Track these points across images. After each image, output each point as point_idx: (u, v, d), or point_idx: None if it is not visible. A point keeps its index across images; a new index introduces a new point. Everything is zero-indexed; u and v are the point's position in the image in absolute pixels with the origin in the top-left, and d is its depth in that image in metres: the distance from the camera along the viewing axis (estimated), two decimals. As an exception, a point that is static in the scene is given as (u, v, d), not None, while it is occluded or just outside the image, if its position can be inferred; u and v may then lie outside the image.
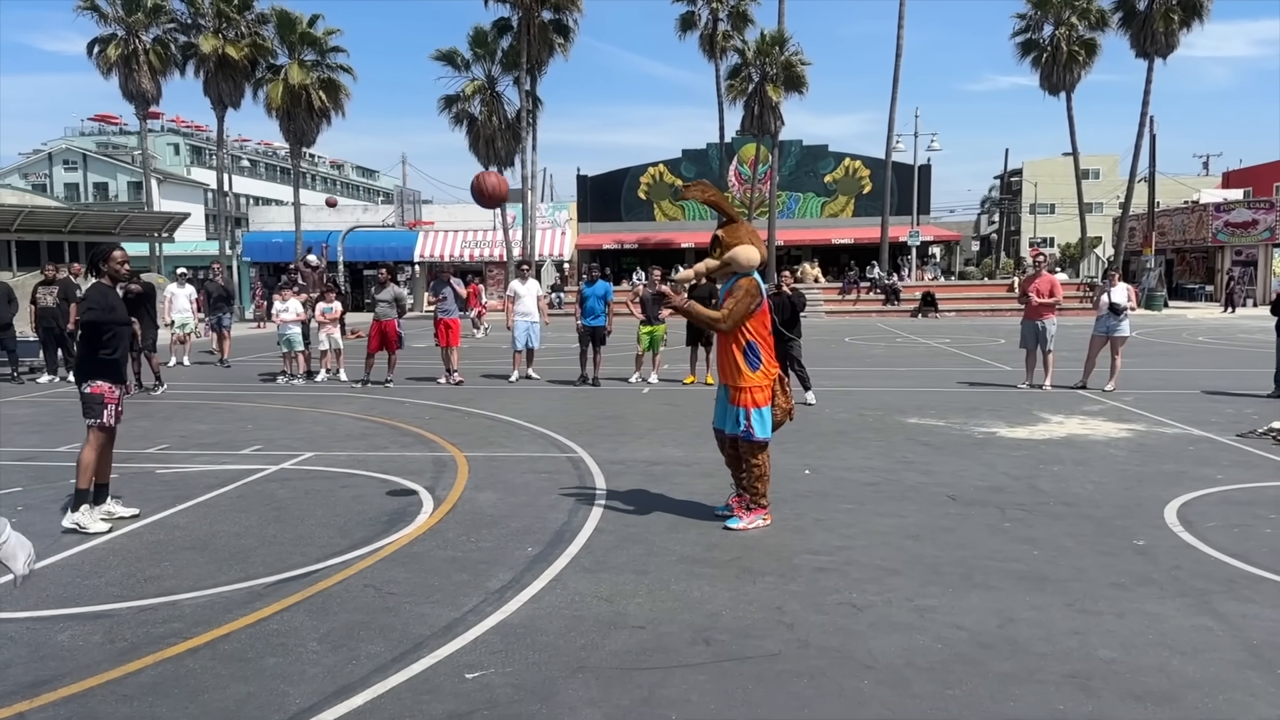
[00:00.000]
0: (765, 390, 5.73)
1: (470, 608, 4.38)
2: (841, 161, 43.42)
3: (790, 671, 3.66)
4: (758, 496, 5.76)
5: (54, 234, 28.49)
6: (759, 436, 5.70)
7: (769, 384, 5.76)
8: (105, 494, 6.00)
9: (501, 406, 11.11)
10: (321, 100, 34.38)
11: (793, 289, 11.09)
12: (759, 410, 5.70)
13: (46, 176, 69.52)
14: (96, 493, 5.89)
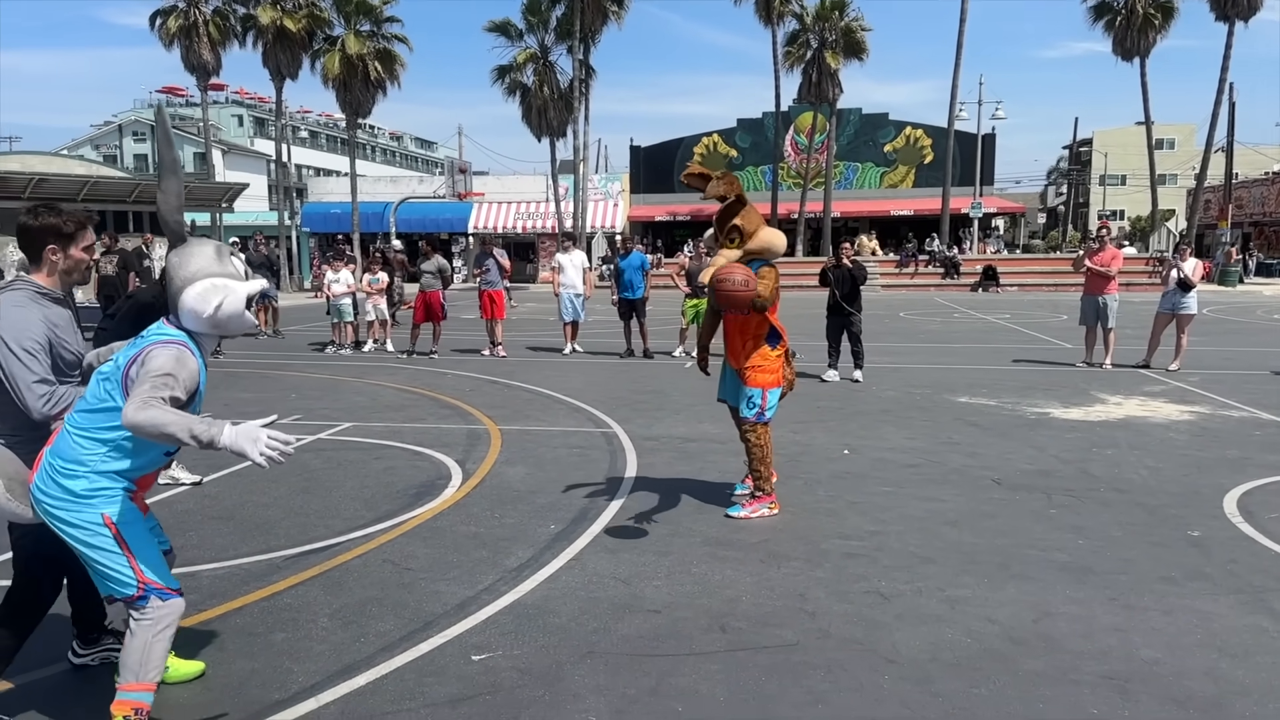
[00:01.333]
0: (778, 371, 5.47)
1: (485, 586, 4.31)
2: (902, 130, 42.32)
3: (807, 663, 3.50)
4: (761, 481, 5.47)
5: (119, 204, 29.24)
6: (770, 417, 5.46)
7: (780, 362, 5.49)
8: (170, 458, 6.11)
9: (543, 379, 11.05)
10: (377, 71, 34.52)
11: (853, 261, 10.80)
12: (773, 391, 5.43)
13: (117, 148, 71.40)
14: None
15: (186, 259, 2.78)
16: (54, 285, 3.04)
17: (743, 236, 5.35)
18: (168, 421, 2.46)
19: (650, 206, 43.52)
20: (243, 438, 2.52)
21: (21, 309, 2.92)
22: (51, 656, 3.53)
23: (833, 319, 10.90)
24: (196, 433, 2.48)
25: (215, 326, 2.77)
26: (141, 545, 2.76)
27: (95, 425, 2.69)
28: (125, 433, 2.63)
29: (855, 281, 10.63)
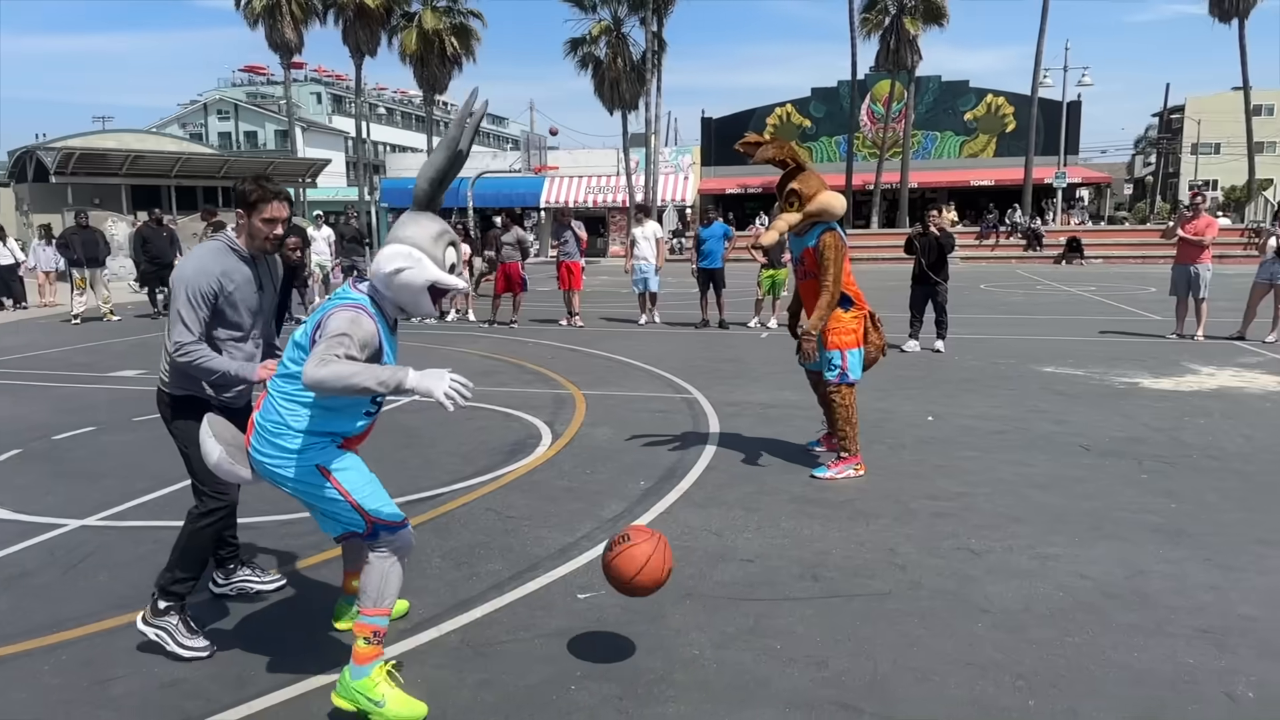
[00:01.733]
0: (857, 331, 5.50)
1: (584, 534, 4.51)
2: (983, 98, 41.11)
3: (900, 611, 3.61)
4: (846, 441, 5.52)
5: (208, 179, 30.38)
6: (853, 378, 5.51)
7: (859, 324, 5.51)
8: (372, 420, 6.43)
9: (620, 348, 11.24)
10: (453, 46, 35.00)
11: (940, 229, 10.63)
12: (853, 352, 5.48)
13: (202, 126, 73.64)
14: None
15: (407, 224, 2.85)
16: (247, 244, 3.24)
17: (801, 200, 5.41)
18: (352, 372, 2.54)
19: (721, 179, 43.24)
20: (428, 379, 2.58)
21: (205, 259, 3.17)
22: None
23: (918, 288, 10.77)
24: (383, 378, 2.55)
25: (390, 290, 2.78)
26: (360, 486, 2.84)
27: (294, 389, 2.80)
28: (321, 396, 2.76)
29: (942, 250, 10.50)
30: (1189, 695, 2.96)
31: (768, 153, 5.55)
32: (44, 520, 4.74)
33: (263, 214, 3.19)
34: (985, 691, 2.99)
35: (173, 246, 15.10)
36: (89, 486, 5.36)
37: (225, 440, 2.89)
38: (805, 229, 5.47)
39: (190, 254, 3.20)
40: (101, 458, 6.04)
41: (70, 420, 7.14)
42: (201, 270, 3.14)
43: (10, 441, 6.48)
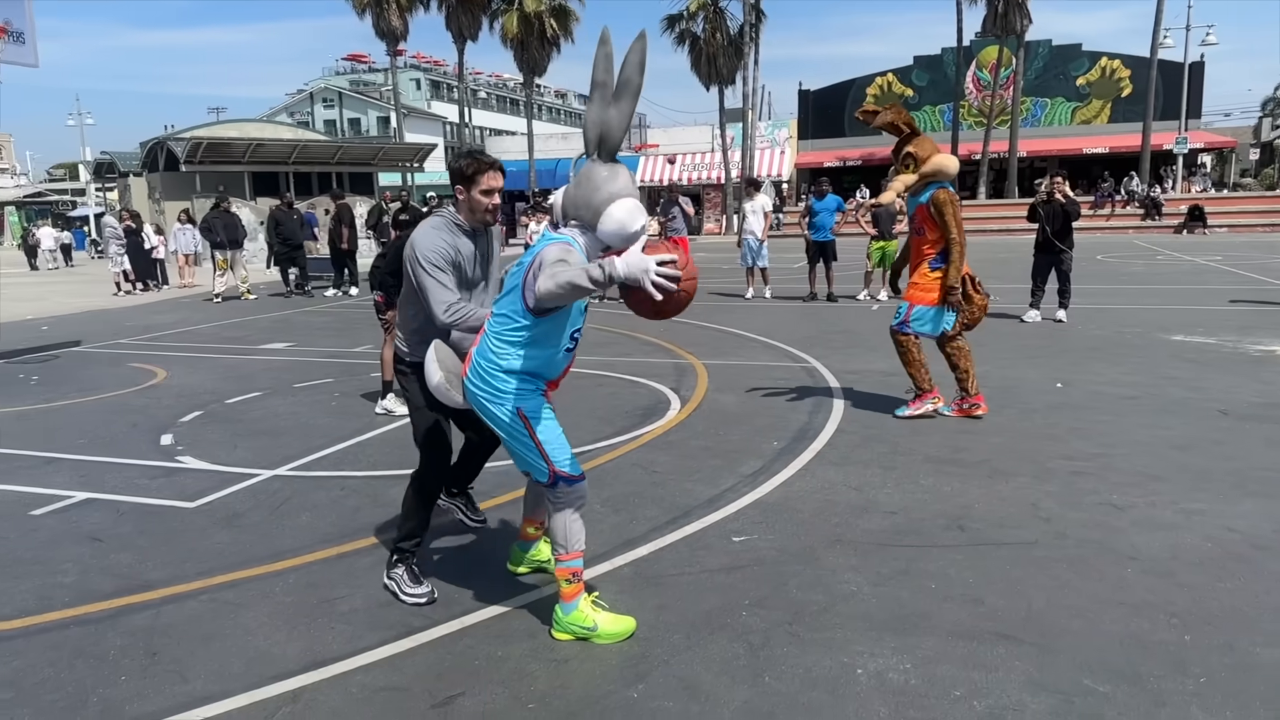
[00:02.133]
0: (934, 291, 5.93)
1: (728, 487, 4.78)
2: (1097, 62, 39.36)
3: (1049, 558, 3.75)
4: (917, 381, 6.15)
5: (323, 165, 31.66)
6: (912, 330, 6.07)
7: (937, 284, 5.93)
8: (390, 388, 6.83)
9: (730, 320, 11.44)
10: (553, 28, 35.51)
11: (1067, 196, 10.42)
12: (921, 308, 5.98)
13: (309, 114, 76.41)
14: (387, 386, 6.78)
15: (615, 176, 3.03)
16: (467, 218, 3.47)
17: (917, 162, 5.88)
18: (570, 276, 2.71)
19: (819, 152, 42.69)
20: (634, 269, 2.67)
21: (433, 231, 3.43)
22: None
23: (1041, 257, 10.57)
24: (593, 275, 2.70)
25: (623, 242, 2.92)
26: (551, 437, 3.13)
27: (503, 329, 3.06)
28: (528, 335, 3.02)
29: (1068, 217, 10.29)
30: (1349, 636, 3.03)
31: (886, 118, 6.01)
32: (239, 470, 5.28)
33: (480, 185, 3.39)
34: (1140, 627, 3.13)
35: (303, 229, 15.98)
36: (271, 443, 5.90)
37: (447, 368, 3.23)
38: (920, 189, 5.95)
39: (418, 230, 3.46)
40: (275, 418, 6.61)
41: (237, 387, 7.79)
42: (431, 240, 3.39)
43: (190, 404, 7.14)
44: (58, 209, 60.60)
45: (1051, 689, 2.76)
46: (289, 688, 2.86)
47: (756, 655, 3.01)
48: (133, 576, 3.77)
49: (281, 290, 15.85)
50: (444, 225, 3.46)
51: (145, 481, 5.11)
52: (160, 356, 9.57)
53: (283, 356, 9.36)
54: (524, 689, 2.83)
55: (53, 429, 6.46)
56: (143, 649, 3.14)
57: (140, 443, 5.99)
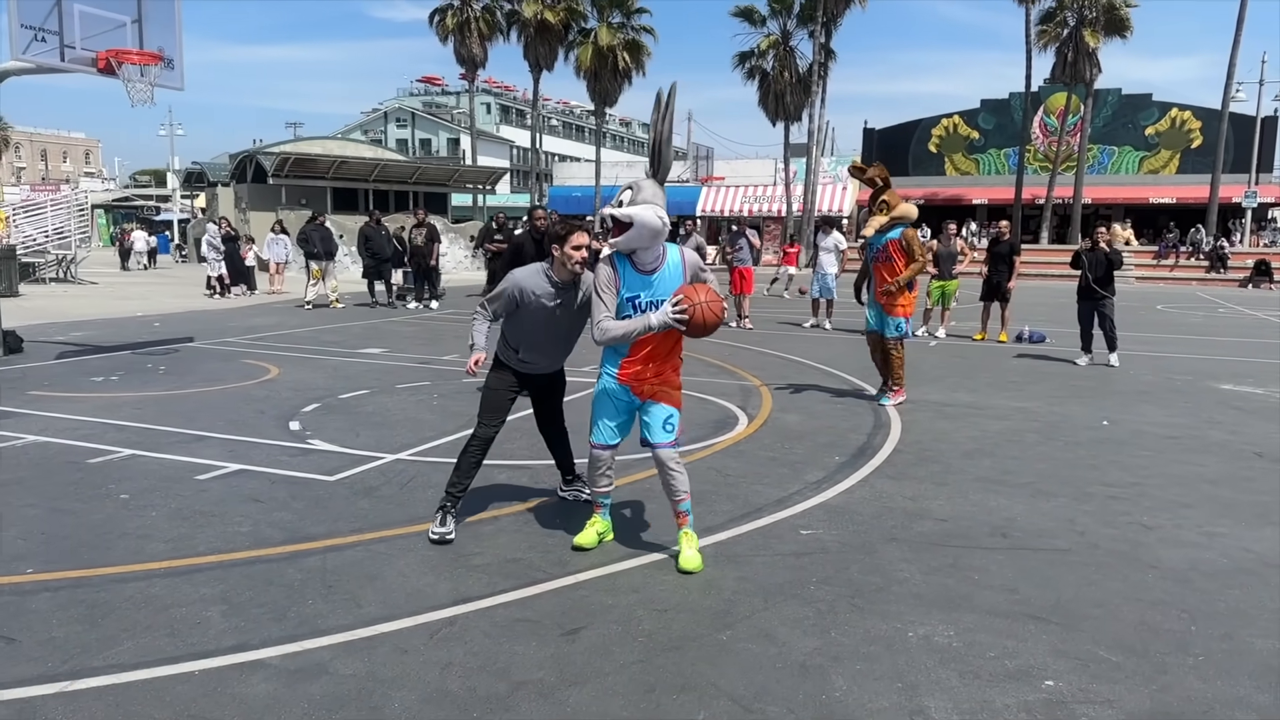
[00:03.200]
0: (911, 305, 8.34)
1: (794, 490, 5.39)
2: (1167, 112, 39.33)
3: (1080, 562, 4.30)
4: (898, 381, 8.24)
5: (400, 184, 33.08)
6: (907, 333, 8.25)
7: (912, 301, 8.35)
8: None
9: (792, 348, 12.03)
10: (625, 61, 36.66)
11: (1111, 246, 10.91)
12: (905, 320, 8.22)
13: (382, 132, 78.94)
14: None
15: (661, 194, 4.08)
16: (556, 272, 4.34)
17: (889, 207, 7.98)
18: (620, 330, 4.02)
19: (882, 191, 43.09)
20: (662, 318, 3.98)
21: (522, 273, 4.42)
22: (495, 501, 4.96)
23: (1083, 303, 10.91)
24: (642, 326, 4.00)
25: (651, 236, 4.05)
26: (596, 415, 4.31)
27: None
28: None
29: (1110, 265, 10.66)
30: (1336, 636, 3.54)
31: (871, 173, 8.15)
32: (365, 454, 6.04)
33: (571, 243, 4.27)
34: (1153, 618, 3.67)
35: (389, 244, 17.00)
36: (388, 433, 6.67)
37: None
38: (890, 227, 8.01)
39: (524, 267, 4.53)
40: (386, 413, 7.40)
41: (345, 385, 8.62)
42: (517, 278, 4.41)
43: (307, 397, 7.97)
44: (143, 214, 63.60)
45: (1071, 656, 3.33)
46: (445, 615, 3.55)
47: (823, 617, 3.62)
48: (296, 530, 4.52)
49: (367, 301, 16.86)
50: (535, 271, 4.40)
51: (286, 458, 5.90)
52: (268, 355, 10.50)
53: (380, 361, 10.20)
54: (634, 628, 3.48)
55: (191, 412, 7.32)
56: (319, 582, 3.86)
57: (271, 427, 6.81)
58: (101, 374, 9.01)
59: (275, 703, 2.89)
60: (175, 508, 4.84)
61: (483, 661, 3.19)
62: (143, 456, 5.88)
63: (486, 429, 4.53)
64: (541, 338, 4.47)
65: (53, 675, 3.03)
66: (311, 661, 3.17)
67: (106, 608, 3.57)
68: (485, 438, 4.53)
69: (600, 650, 3.30)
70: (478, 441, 4.51)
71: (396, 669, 3.12)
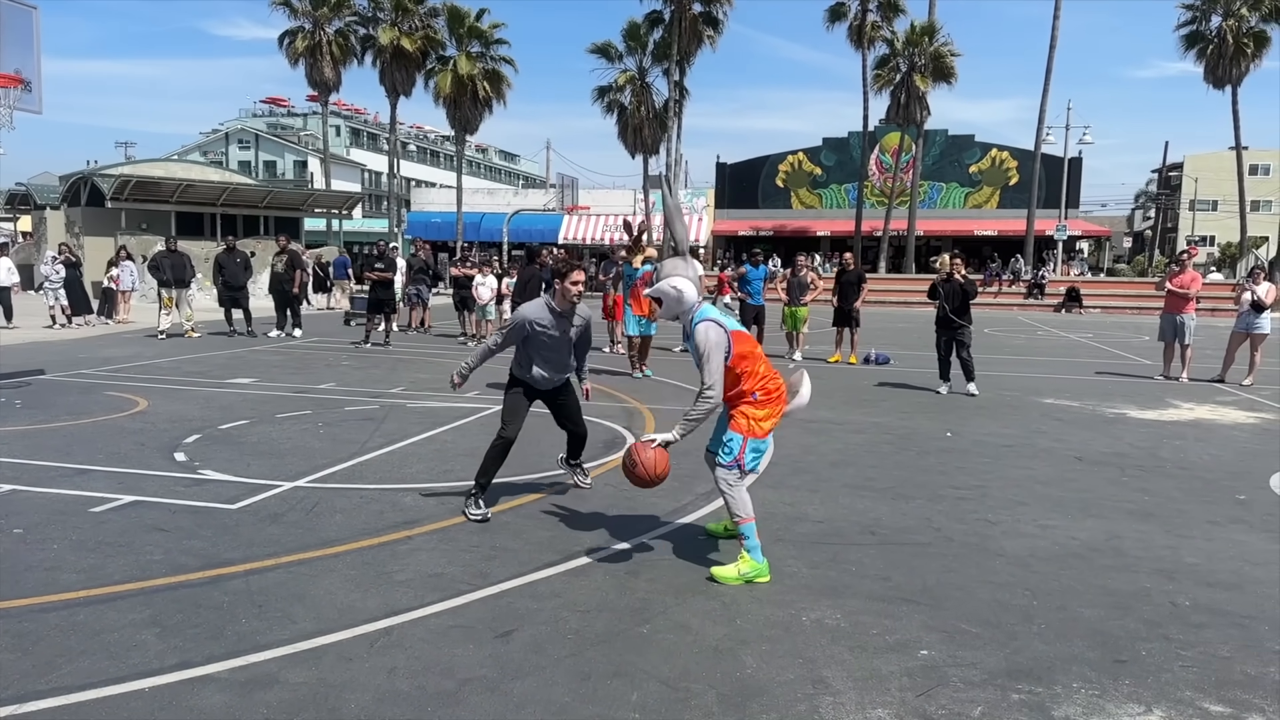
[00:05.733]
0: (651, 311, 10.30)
1: (687, 501, 5.85)
2: (988, 152, 43.02)
3: (939, 553, 4.93)
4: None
5: (250, 209, 31.87)
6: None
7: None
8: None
9: (666, 374, 12.57)
10: (485, 90, 36.83)
11: (965, 277, 11.22)
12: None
13: (223, 154, 75.49)
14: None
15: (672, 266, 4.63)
16: (559, 303, 5.12)
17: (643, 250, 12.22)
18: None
19: (734, 221, 44.99)
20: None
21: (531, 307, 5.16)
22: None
23: (942, 332, 11.29)
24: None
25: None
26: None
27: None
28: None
29: (966, 296, 11.06)
30: (1145, 602, 4.27)
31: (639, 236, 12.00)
32: (261, 482, 6.05)
33: (570, 279, 5.10)
34: (1001, 597, 4.30)
35: (246, 271, 16.51)
36: (279, 461, 6.67)
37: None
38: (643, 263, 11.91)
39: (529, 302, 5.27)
40: (272, 442, 7.36)
41: (222, 415, 8.47)
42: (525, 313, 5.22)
43: (185, 429, 7.80)
44: (-48, 237, 58.25)
45: (939, 630, 3.88)
46: (380, 626, 3.75)
47: (728, 609, 4.05)
48: (211, 556, 4.57)
49: (225, 330, 16.29)
50: (540, 305, 5.20)
51: (180, 488, 5.85)
52: (132, 386, 10.10)
53: (252, 390, 10.01)
54: (562, 627, 3.79)
55: (64, 446, 7.06)
56: (248, 602, 3.97)
57: (155, 458, 6.68)
58: (-52, 409, 8.48)
59: (233, 711, 3.04)
60: (77, 539, 4.77)
61: (426, 664, 3.43)
62: (25, 491, 5.69)
63: (508, 430, 5.33)
64: (548, 356, 5.37)
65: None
66: (260, 673, 3.31)
67: (33, 637, 3.57)
68: (507, 438, 5.33)
69: (534, 648, 3.60)
70: (501, 441, 5.33)
71: (345, 675, 3.32)
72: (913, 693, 3.31)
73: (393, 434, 7.71)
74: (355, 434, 7.74)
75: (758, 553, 4.46)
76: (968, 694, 3.32)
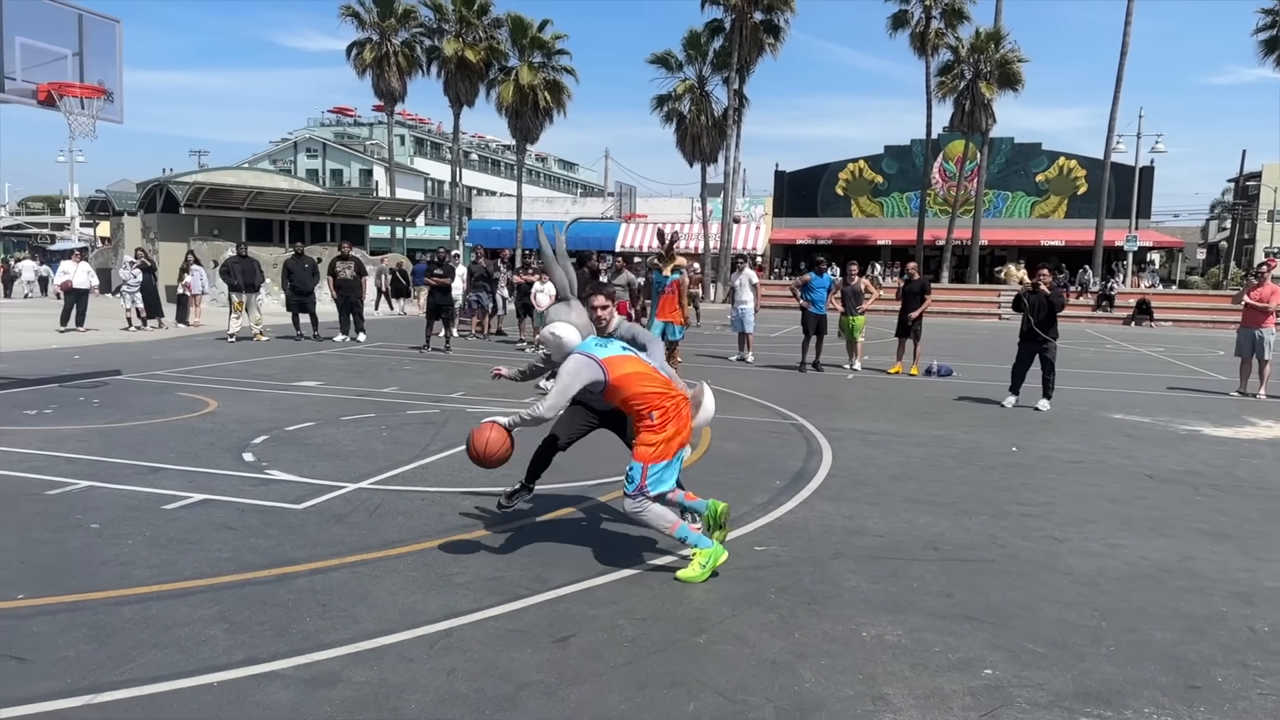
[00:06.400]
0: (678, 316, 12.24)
1: (744, 511, 5.79)
2: (1055, 161, 42.05)
3: (1004, 570, 4.81)
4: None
5: (317, 216, 32.67)
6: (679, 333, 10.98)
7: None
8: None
9: (720, 381, 12.51)
10: (546, 100, 37.23)
11: (1050, 287, 10.63)
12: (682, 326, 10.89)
13: (291, 162, 77.52)
14: None
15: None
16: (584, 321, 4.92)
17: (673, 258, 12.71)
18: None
19: (792, 230, 44.68)
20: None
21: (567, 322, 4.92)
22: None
23: (1025, 346, 10.76)
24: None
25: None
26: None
27: None
28: None
29: (1052, 308, 10.51)
30: (1221, 626, 4.11)
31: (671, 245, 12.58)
32: (326, 483, 6.18)
33: (593, 304, 4.97)
34: (1068, 617, 4.18)
35: (313, 277, 16.91)
36: (343, 463, 6.81)
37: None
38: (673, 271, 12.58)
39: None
40: (337, 444, 7.52)
41: (289, 417, 8.68)
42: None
43: (253, 430, 8.01)
44: (36, 242, 60.75)
45: (1004, 649, 3.79)
46: (440, 628, 3.80)
47: (785, 622, 4.01)
48: (277, 554, 4.68)
49: (292, 334, 16.70)
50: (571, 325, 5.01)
51: (248, 488, 6.01)
52: (203, 387, 10.41)
53: (318, 393, 10.25)
54: (618, 635, 3.80)
55: (138, 444, 7.31)
56: (312, 601, 4.06)
57: (225, 458, 6.88)
58: (33, 407, 8.83)
59: (298, 708, 3.10)
60: (150, 535, 4.93)
61: (484, 667, 3.46)
62: (101, 487, 5.90)
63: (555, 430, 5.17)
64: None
65: (75, 690, 3.17)
66: (324, 671, 3.38)
67: (109, 629, 3.69)
68: (551, 436, 5.19)
69: (591, 654, 3.61)
70: (545, 439, 5.21)
71: (405, 675, 3.36)
72: (976, 712, 3.24)
73: (453, 438, 7.81)
74: (417, 437, 7.86)
75: (703, 540, 4.51)
76: (1034, 715, 3.23)
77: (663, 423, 4.45)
